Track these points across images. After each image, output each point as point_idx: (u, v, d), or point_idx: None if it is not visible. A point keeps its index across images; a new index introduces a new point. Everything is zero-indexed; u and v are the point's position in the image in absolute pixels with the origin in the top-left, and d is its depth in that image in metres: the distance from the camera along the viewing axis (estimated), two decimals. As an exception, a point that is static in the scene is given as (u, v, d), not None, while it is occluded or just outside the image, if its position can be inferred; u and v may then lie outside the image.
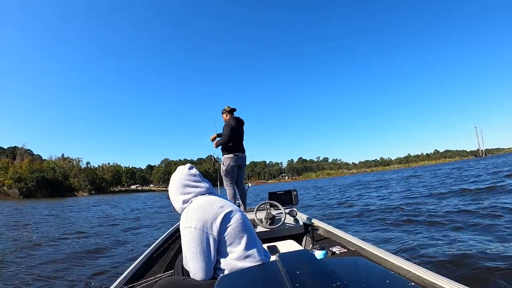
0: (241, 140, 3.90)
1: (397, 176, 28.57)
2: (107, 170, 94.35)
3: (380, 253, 1.86)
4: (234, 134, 3.70)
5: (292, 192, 3.50)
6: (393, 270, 1.61)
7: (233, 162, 3.73)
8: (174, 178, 1.44)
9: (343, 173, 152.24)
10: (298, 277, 0.76)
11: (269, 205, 3.18)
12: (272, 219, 3.00)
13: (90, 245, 5.93)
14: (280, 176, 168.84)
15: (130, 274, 1.90)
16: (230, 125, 3.69)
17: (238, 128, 3.80)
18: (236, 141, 3.77)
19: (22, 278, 3.86)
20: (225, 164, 3.76)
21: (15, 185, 58.46)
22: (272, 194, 3.40)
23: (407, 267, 1.56)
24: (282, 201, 3.29)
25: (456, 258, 3.19)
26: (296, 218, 3.16)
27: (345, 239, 2.41)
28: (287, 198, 3.45)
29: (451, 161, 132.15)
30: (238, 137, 3.80)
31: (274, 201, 3.17)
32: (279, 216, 3.07)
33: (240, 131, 3.87)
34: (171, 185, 1.45)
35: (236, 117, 3.87)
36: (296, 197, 3.50)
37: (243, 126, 3.94)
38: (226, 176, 3.79)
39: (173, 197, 1.43)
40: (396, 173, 45.28)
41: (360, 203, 9.88)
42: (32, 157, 75.61)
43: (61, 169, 74.01)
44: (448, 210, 6.19)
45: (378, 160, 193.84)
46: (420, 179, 19.23)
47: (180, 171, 1.45)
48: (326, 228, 2.87)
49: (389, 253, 1.81)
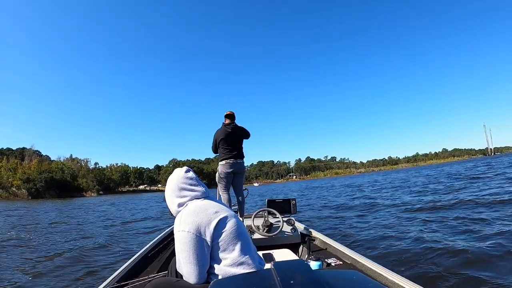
0: (235, 146, 3.87)
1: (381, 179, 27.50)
2: (115, 171, 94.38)
3: (375, 268, 1.84)
4: (226, 143, 3.79)
5: (291, 200, 3.50)
6: (388, 285, 1.61)
7: (226, 169, 3.79)
8: (170, 181, 1.44)
9: (351, 172, 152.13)
10: (292, 286, 0.75)
11: (267, 213, 3.20)
12: (269, 227, 3.02)
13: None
14: (288, 175, 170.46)
15: (123, 273, 1.90)
16: (215, 136, 3.89)
17: (229, 136, 3.81)
18: (228, 149, 3.81)
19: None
20: (218, 171, 3.88)
21: (23, 185, 58.32)
22: (271, 202, 3.40)
23: (403, 283, 1.54)
24: (281, 209, 3.29)
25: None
26: (293, 227, 3.14)
27: (341, 252, 2.37)
28: (285, 207, 3.43)
29: (459, 160, 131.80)
30: (230, 144, 3.82)
31: (272, 209, 3.19)
32: (277, 224, 3.09)
33: (233, 139, 3.85)
34: (167, 187, 1.45)
35: (228, 125, 3.87)
36: (295, 206, 3.48)
37: (237, 132, 3.90)
38: (219, 182, 3.90)
39: (168, 199, 1.43)
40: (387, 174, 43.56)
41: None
42: (40, 158, 75.89)
43: (70, 169, 73.83)
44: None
45: (386, 159, 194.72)
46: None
47: (177, 174, 1.45)
48: (323, 239, 2.84)
49: (385, 268, 1.79)
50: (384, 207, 8.27)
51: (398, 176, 31.34)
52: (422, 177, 22.02)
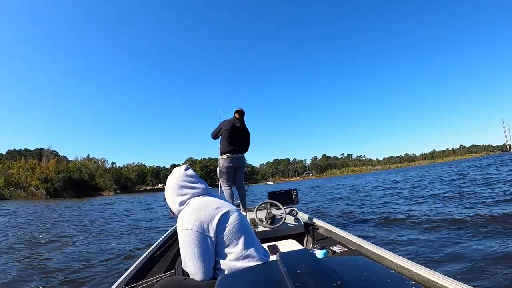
0: (238, 141, 3.82)
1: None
2: (132, 170, 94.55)
3: (380, 252, 1.87)
4: (230, 135, 3.74)
5: (292, 191, 3.48)
6: (394, 268, 1.62)
7: (227, 163, 3.76)
8: (170, 180, 1.44)
9: (367, 170, 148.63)
10: (299, 276, 0.76)
11: (270, 205, 3.20)
12: (272, 219, 3.04)
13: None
14: (304, 173, 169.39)
15: (131, 275, 1.91)
16: (221, 125, 3.85)
17: (236, 130, 3.79)
18: (231, 142, 3.76)
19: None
20: (220, 165, 3.84)
21: (42, 185, 58.38)
22: (272, 194, 3.39)
23: (408, 265, 1.57)
24: (282, 201, 3.26)
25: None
26: (296, 218, 3.18)
27: (345, 238, 2.40)
28: (287, 198, 3.41)
29: (477, 157, 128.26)
30: (233, 138, 3.77)
31: (274, 201, 3.18)
32: (280, 215, 3.11)
33: (237, 133, 3.81)
34: (167, 186, 1.45)
35: (236, 120, 3.84)
36: (296, 196, 3.47)
37: (244, 130, 3.92)
38: (221, 177, 3.85)
39: (169, 198, 1.42)
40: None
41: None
42: (58, 158, 75.86)
43: (87, 169, 73.70)
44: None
45: (402, 156, 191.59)
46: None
47: (176, 173, 1.45)
48: (326, 228, 2.86)
49: (390, 252, 1.82)
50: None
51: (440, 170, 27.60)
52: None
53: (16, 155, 77.38)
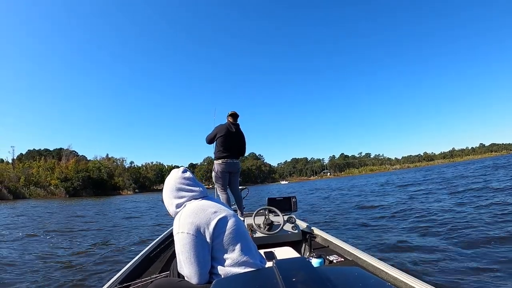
0: (233, 146, 3.80)
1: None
2: (150, 169, 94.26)
3: (377, 264, 1.84)
4: (226, 140, 3.72)
5: (291, 198, 3.42)
6: (390, 281, 1.62)
7: (222, 168, 3.74)
8: (167, 182, 1.43)
9: (386, 169, 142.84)
10: (294, 284, 0.75)
11: (268, 211, 3.18)
12: (270, 225, 3.01)
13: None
14: (322, 172, 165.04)
15: (126, 274, 1.90)
16: (216, 130, 3.80)
17: (232, 135, 3.77)
18: (226, 148, 3.74)
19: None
20: (215, 170, 3.81)
21: (61, 184, 57.83)
22: (271, 200, 3.33)
23: (404, 278, 1.54)
24: (281, 208, 3.23)
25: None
26: (294, 225, 3.14)
27: (343, 249, 2.37)
28: (286, 205, 3.36)
29: (496, 155, 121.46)
30: (228, 144, 3.75)
31: (272, 207, 3.16)
32: (278, 222, 3.08)
33: (232, 139, 3.79)
34: (164, 188, 1.44)
35: (230, 125, 3.81)
36: (295, 204, 3.41)
37: (240, 135, 3.90)
38: (217, 182, 3.83)
39: (166, 200, 1.41)
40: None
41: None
42: (77, 157, 75.62)
43: (106, 168, 72.98)
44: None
45: (421, 155, 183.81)
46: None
47: (174, 175, 1.44)
48: (324, 237, 2.83)
49: (387, 264, 1.80)
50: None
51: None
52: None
53: (36, 155, 77.38)
